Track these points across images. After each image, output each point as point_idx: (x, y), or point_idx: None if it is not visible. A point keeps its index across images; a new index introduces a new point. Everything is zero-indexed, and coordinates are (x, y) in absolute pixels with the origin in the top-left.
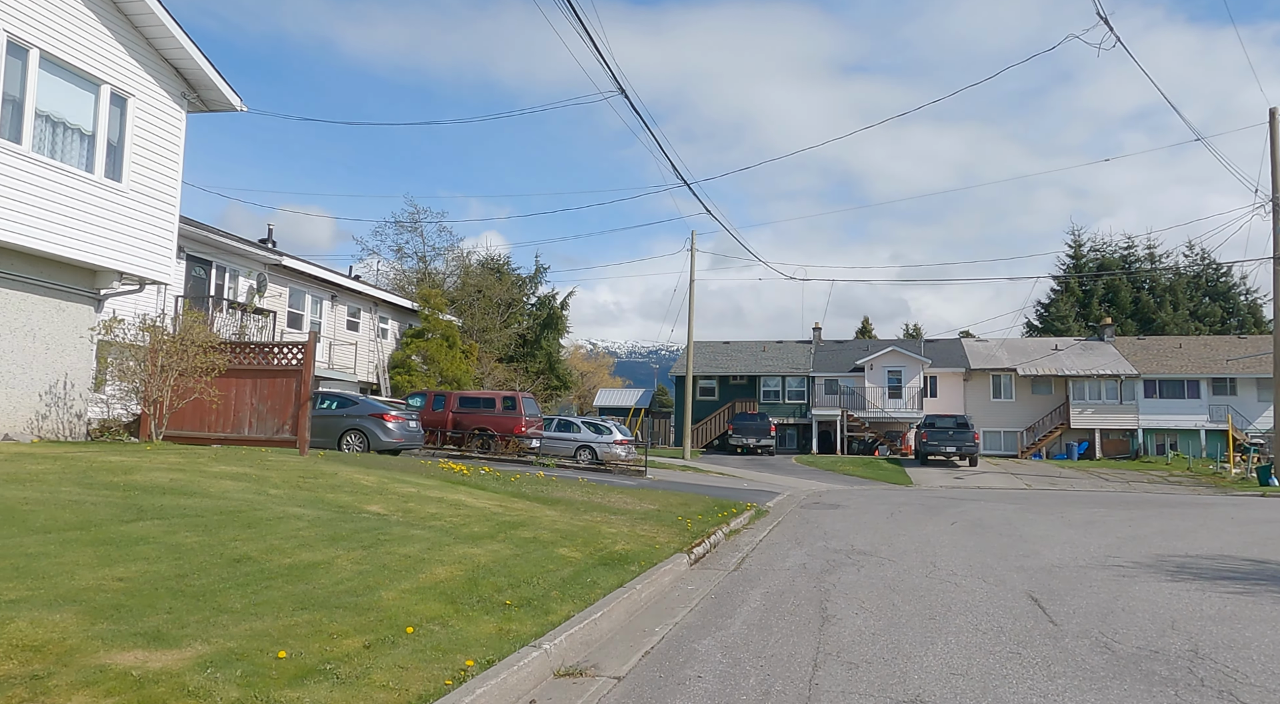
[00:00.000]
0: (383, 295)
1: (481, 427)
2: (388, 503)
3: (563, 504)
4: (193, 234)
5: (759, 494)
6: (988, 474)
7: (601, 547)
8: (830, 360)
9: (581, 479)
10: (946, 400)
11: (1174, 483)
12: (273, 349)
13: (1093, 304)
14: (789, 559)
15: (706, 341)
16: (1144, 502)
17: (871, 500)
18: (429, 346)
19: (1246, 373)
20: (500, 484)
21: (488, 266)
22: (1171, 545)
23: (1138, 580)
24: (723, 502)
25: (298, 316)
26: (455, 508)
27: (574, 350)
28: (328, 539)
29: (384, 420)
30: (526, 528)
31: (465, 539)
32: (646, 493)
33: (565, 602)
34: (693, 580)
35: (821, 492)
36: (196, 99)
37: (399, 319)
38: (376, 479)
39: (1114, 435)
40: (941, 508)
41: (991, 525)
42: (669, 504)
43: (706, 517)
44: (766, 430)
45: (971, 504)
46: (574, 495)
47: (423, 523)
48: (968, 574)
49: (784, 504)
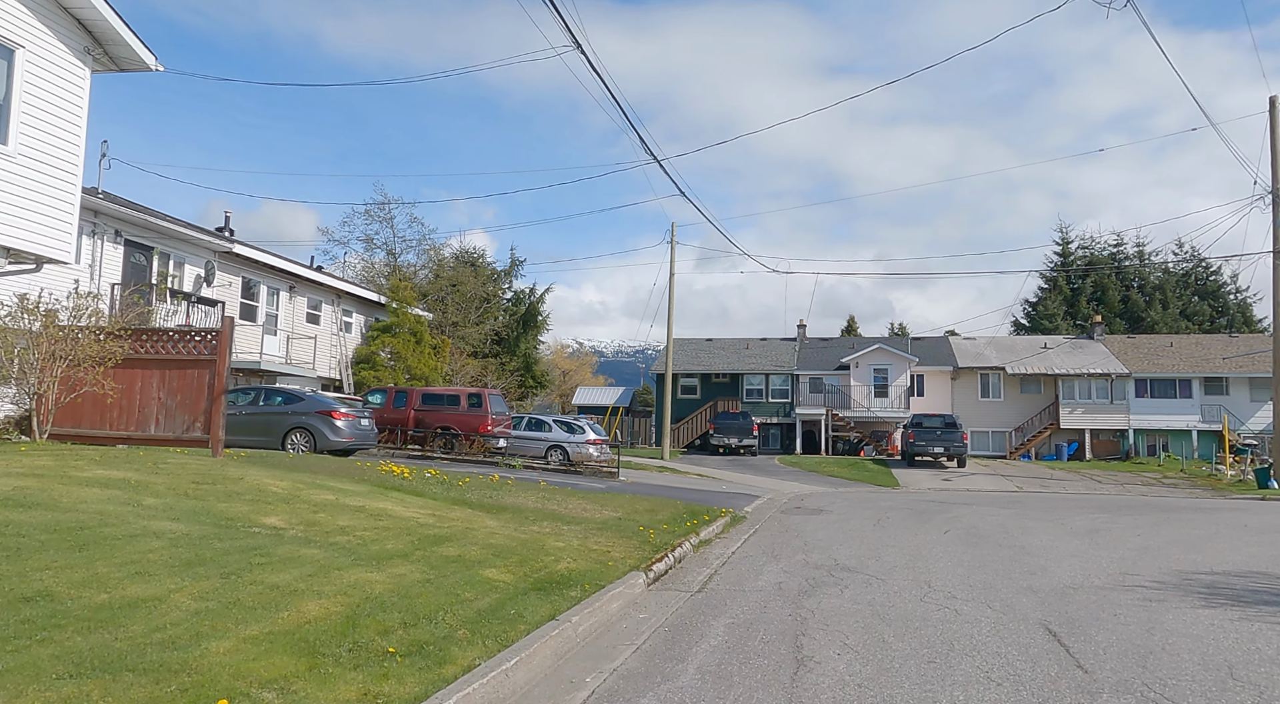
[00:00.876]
0: (347, 287)
1: (445, 425)
2: (292, 514)
3: (510, 512)
4: (131, 217)
5: (737, 498)
6: (976, 476)
7: (540, 566)
8: (815, 358)
9: (543, 482)
10: (933, 399)
11: (1169, 485)
12: (184, 336)
13: (1081, 302)
14: (763, 576)
15: (689, 339)
16: (1144, 506)
17: (857, 505)
18: (396, 342)
19: (1239, 372)
20: (444, 489)
21: (462, 260)
22: (1191, 559)
23: (1168, 606)
24: (695, 507)
25: (251, 308)
26: (374, 519)
27: (558, 349)
28: (181, 565)
29: (332, 418)
30: (453, 543)
31: (367, 560)
32: (612, 498)
33: (473, 644)
34: (647, 606)
35: (804, 495)
36: (104, 56)
37: (365, 313)
38: (290, 485)
39: (1104, 436)
40: (932, 513)
41: (988, 534)
42: (634, 511)
43: (674, 525)
44: (749, 430)
45: (963, 509)
46: (526, 502)
47: (324, 539)
48: (969, 597)
49: (763, 509)
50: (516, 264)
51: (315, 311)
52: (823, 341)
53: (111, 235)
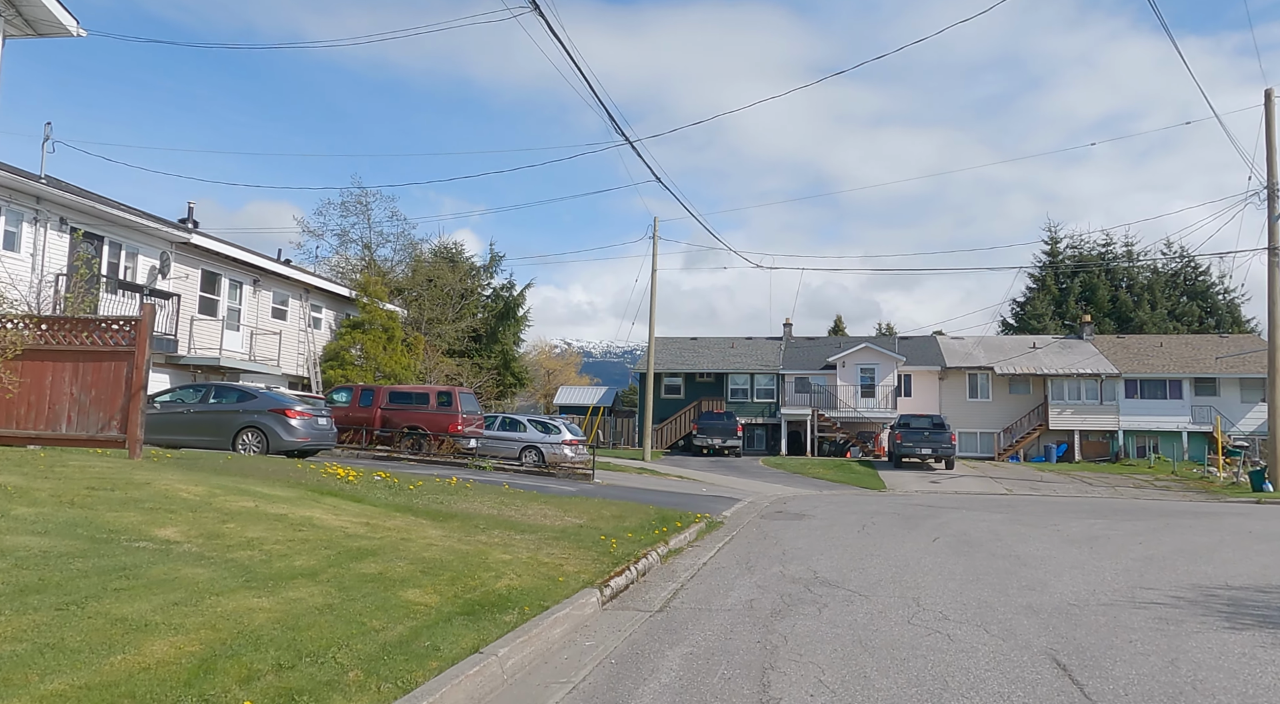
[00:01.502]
0: (316, 281)
1: (413, 425)
2: (194, 526)
3: (458, 520)
4: (77, 204)
5: (716, 501)
6: (965, 478)
7: (476, 585)
8: (801, 357)
9: (506, 486)
10: (921, 400)
11: (1161, 488)
12: (100, 326)
13: (1069, 302)
14: (734, 592)
15: (673, 338)
16: (1139, 511)
17: (841, 509)
18: (366, 339)
19: (1230, 373)
20: (390, 494)
21: (441, 255)
22: (1202, 571)
23: (1188, 629)
24: (669, 512)
25: (211, 302)
26: (293, 530)
27: (543, 349)
28: (12, 592)
29: (286, 417)
30: (378, 558)
31: (262, 581)
32: (580, 502)
33: (364, 691)
34: (597, 630)
35: (787, 498)
36: (17, 17)
37: (335, 308)
38: (207, 490)
39: (1093, 437)
40: (920, 518)
41: (980, 542)
42: (600, 517)
43: (641, 533)
44: (733, 430)
45: (952, 514)
46: (481, 507)
47: (220, 555)
48: (963, 618)
49: (743, 513)
50: (496, 259)
51: (282, 306)
52: (809, 341)
53: (56, 223)
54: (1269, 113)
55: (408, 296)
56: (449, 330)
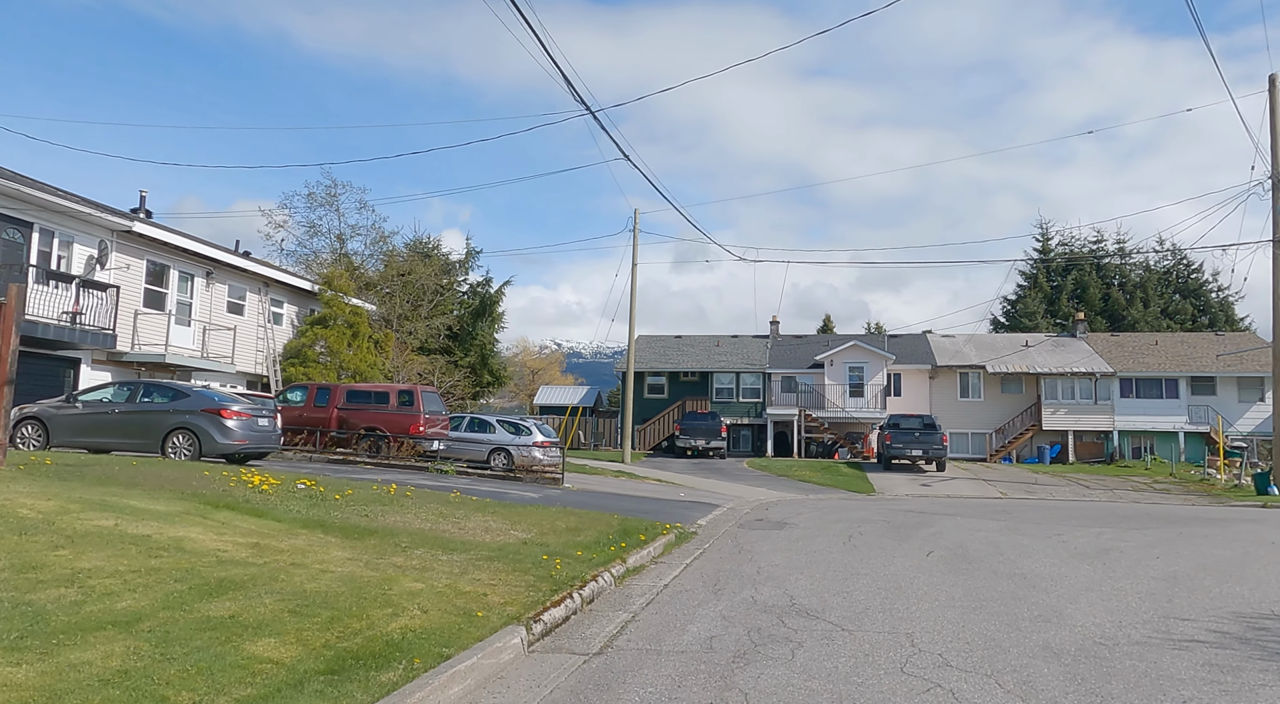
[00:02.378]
0: (276, 274)
1: (372, 426)
2: (14, 553)
3: (377, 538)
4: None
5: (693, 508)
6: (957, 480)
7: (361, 627)
8: (788, 356)
9: (457, 493)
10: (911, 400)
11: (1161, 491)
12: None
13: (1062, 300)
14: (693, 626)
15: (657, 336)
16: (1144, 517)
17: (827, 515)
18: (329, 335)
19: (1228, 371)
20: (306, 506)
21: (416, 249)
22: (1235, 593)
23: (1251, 680)
24: (635, 523)
25: (158, 295)
26: (148, 556)
27: (526, 348)
28: None
29: (221, 417)
30: (241, 594)
31: (47, 636)
32: (536, 511)
33: None
34: (511, 685)
35: (770, 503)
36: None
37: (299, 303)
38: (58, 506)
39: (1087, 437)
40: (911, 527)
41: (979, 557)
42: (553, 529)
43: (596, 550)
44: (717, 431)
45: (946, 521)
46: (414, 521)
47: (18, 596)
48: (968, 665)
49: (720, 522)
50: (472, 254)
51: (239, 301)
52: (796, 339)
53: None
54: (1273, 99)
55: (380, 292)
56: (421, 327)
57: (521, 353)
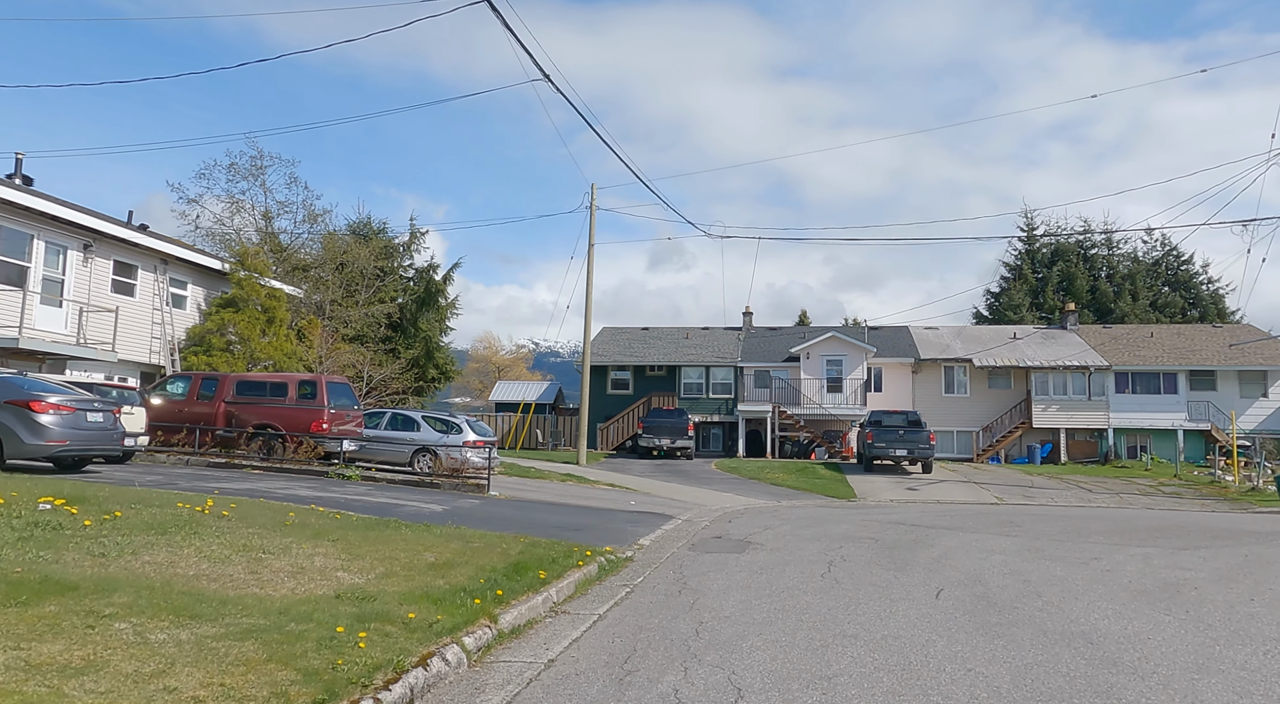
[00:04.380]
0: (177, 251)
1: (266, 422)
2: None
3: (74, 596)
4: None
5: (640, 521)
6: (946, 483)
7: None
8: (762, 349)
9: (316, 508)
10: (892, 395)
11: (1170, 495)
12: None
13: (1047, 292)
14: None
15: (623, 328)
16: (1179, 529)
17: (801, 530)
18: (239, 319)
19: (1229, 365)
20: (14, 538)
21: (358, 231)
22: None
23: None
24: (547, 548)
25: (18, 269)
26: None
27: (490, 344)
28: None
29: (30, 411)
30: None
31: None
32: (412, 535)
33: None
34: None
35: (736, 512)
36: None
37: (208, 285)
38: None
39: (1081, 436)
40: (907, 548)
41: (1010, 600)
42: (409, 567)
43: (453, 604)
44: (683, 429)
45: (947, 538)
46: (182, 561)
47: None
48: None
49: (668, 540)
50: (417, 236)
51: (127, 279)
52: (771, 331)
53: None
54: None
55: (313, 277)
56: (356, 315)
57: (488, 349)
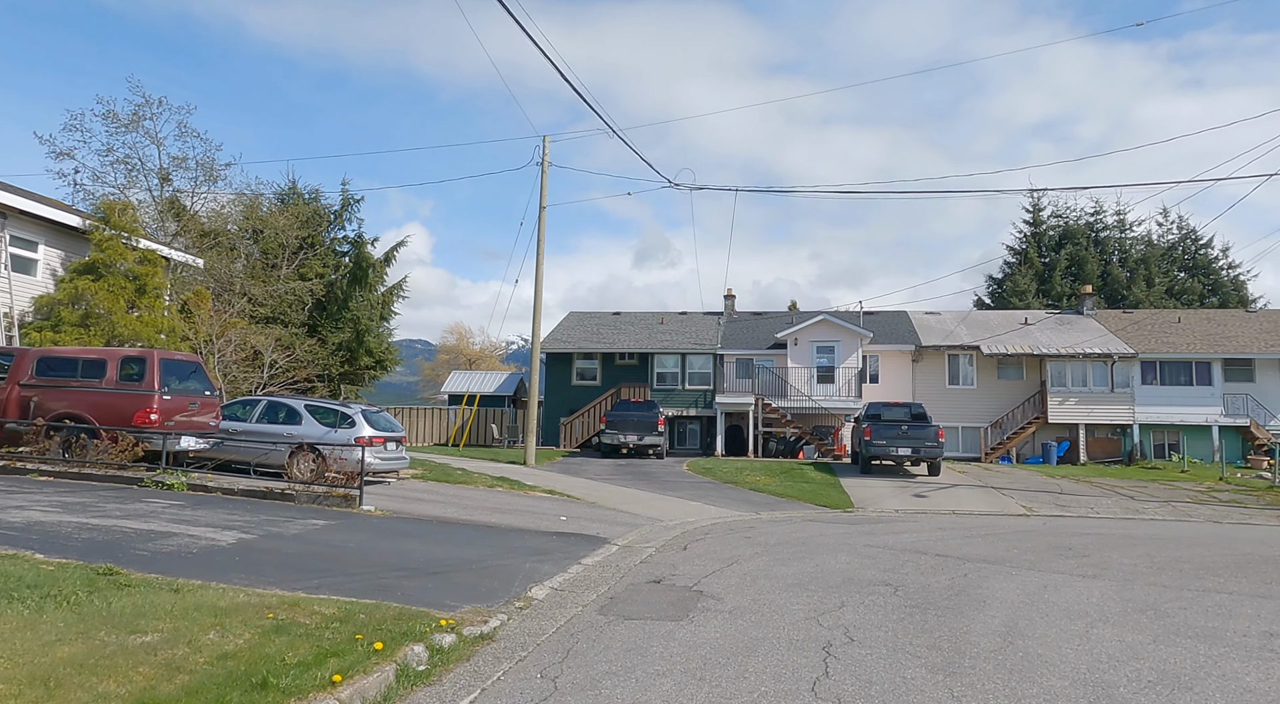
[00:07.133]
0: (19, 202)
1: (74, 413)
2: None
3: None
4: None
5: (555, 551)
6: (959, 488)
7: None
8: (745, 335)
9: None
10: (890, 387)
11: (1230, 503)
12: None
13: (1055, 278)
14: None
15: (591, 312)
16: None
17: (782, 568)
18: (99, 288)
19: (1270, 352)
20: None
21: (285, 199)
22: None
23: None
24: (313, 630)
25: None
26: None
27: (460, 336)
28: None
29: None
30: None
31: None
32: (27, 614)
33: None
34: None
35: (697, 533)
36: None
37: (66, 247)
38: None
39: (1101, 432)
40: (950, 614)
41: None
42: None
43: None
44: (652, 425)
45: (1002, 583)
46: None
47: None
48: None
49: (575, 591)
50: (350, 203)
51: None
52: (755, 316)
53: None
54: None
55: (224, 246)
56: (266, 292)
57: (459, 340)
